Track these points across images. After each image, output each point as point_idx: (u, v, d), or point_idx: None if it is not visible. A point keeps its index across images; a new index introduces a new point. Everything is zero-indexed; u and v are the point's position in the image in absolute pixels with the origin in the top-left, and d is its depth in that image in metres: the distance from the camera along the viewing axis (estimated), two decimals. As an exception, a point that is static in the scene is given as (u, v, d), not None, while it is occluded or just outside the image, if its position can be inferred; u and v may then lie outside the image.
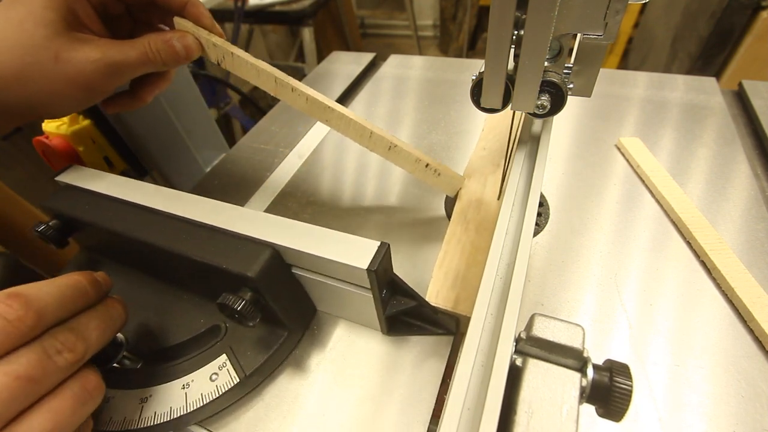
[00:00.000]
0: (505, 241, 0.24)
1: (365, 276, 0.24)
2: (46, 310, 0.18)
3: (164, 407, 0.25)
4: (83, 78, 0.26)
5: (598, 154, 0.43)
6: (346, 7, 1.93)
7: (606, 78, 0.54)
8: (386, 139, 0.32)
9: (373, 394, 0.27)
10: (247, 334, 0.28)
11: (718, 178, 0.39)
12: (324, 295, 0.30)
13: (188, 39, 0.29)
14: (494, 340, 0.19)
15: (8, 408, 0.16)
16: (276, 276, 0.26)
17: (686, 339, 0.28)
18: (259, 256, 0.24)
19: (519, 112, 0.29)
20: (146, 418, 0.25)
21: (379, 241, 0.24)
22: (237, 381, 0.26)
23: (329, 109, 0.32)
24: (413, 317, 0.29)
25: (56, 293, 0.19)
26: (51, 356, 0.18)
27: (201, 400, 0.26)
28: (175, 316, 0.29)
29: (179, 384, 0.26)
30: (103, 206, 0.30)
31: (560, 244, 0.34)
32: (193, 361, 0.27)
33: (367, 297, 0.26)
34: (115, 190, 0.31)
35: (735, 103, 0.50)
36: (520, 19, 0.22)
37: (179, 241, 0.26)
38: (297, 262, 0.27)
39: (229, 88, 1.19)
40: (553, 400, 0.16)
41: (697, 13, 1.11)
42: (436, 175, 0.35)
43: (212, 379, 0.26)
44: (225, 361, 0.27)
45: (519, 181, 0.28)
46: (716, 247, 0.31)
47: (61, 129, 0.40)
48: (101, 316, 0.21)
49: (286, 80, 0.31)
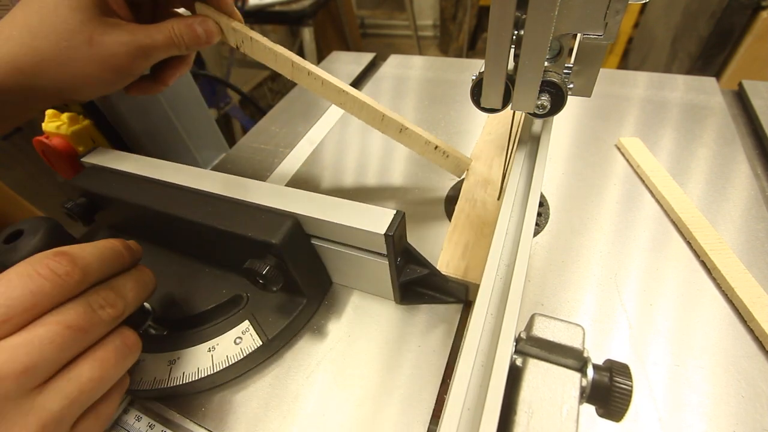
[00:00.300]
0: (505, 241, 0.24)
1: (382, 241, 0.26)
2: (90, 268, 0.20)
3: (192, 368, 0.27)
4: (115, 60, 0.27)
5: (598, 154, 0.43)
6: (346, 7, 1.93)
7: (606, 78, 0.54)
8: (398, 122, 0.34)
9: (373, 394, 0.27)
10: (267, 302, 0.30)
11: (718, 178, 0.39)
12: (340, 266, 0.31)
13: (209, 24, 0.30)
14: (494, 340, 0.19)
15: (61, 354, 0.18)
16: (297, 245, 0.28)
17: (686, 339, 0.28)
18: (282, 225, 0.26)
19: (519, 112, 0.29)
20: (175, 378, 0.27)
21: (395, 210, 0.26)
22: (260, 344, 0.28)
23: (344, 93, 0.33)
24: (425, 286, 0.31)
25: (98, 254, 0.21)
26: (95, 310, 0.20)
27: (226, 361, 0.27)
28: (198, 287, 0.31)
29: (205, 347, 0.28)
30: (128, 183, 0.32)
31: (560, 244, 0.34)
32: (217, 327, 0.29)
33: (382, 264, 0.28)
34: (140, 168, 0.32)
35: (735, 103, 0.50)
36: (520, 19, 0.22)
37: (205, 213, 0.28)
38: (317, 232, 0.28)
39: (229, 88, 1.19)
40: (553, 400, 0.16)
41: (697, 13, 1.11)
42: (445, 156, 0.36)
43: (236, 342, 0.28)
44: (248, 326, 0.28)
45: (519, 181, 0.28)
46: (716, 247, 0.31)
47: (61, 129, 0.40)
48: (136, 278, 0.23)
49: (302, 64, 0.32)
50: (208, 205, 0.28)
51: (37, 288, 0.18)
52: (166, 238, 0.33)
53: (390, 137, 0.35)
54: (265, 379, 0.28)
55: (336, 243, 0.29)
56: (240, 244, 0.27)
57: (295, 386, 0.28)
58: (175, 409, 0.28)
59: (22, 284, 0.18)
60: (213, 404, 0.27)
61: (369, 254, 0.28)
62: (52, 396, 0.17)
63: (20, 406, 0.16)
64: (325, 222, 0.27)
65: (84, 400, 0.19)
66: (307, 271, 0.30)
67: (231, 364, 0.27)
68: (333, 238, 0.28)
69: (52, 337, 0.17)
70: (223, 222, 0.27)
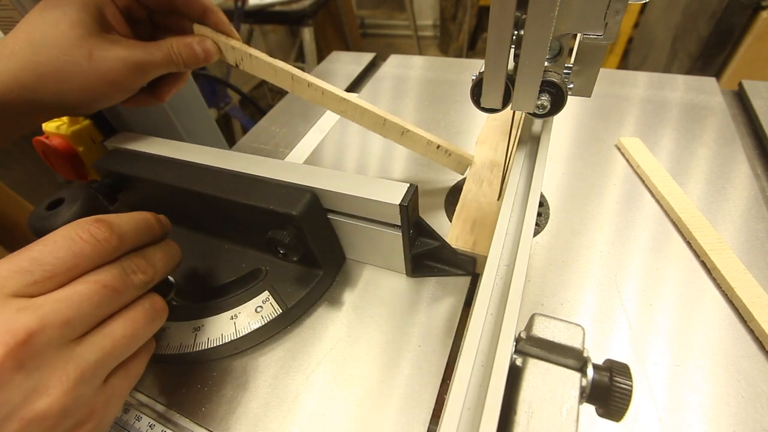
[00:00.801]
0: (505, 241, 0.24)
1: (396, 212, 0.27)
2: (126, 236, 0.22)
3: (216, 334, 0.29)
4: (113, 75, 0.28)
5: (598, 154, 0.43)
6: (346, 7, 1.93)
7: (606, 78, 0.54)
8: (399, 125, 0.35)
9: (373, 394, 0.27)
10: (286, 275, 0.31)
11: (718, 178, 0.39)
12: (355, 240, 0.33)
13: (207, 43, 0.31)
14: (494, 340, 0.19)
15: (97, 310, 0.19)
16: (315, 217, 0.29)
17: (686, 339, 0.28)
18: (301, 199, 0.28)
19: (519, 112, 0.29)
20: (200, 343, 0.28)
21: (408, 183, 0.27)
22: (280, 312, 0.29)
23: (344, 101, 0.34)
24: (435, 260, 0.33)
25: (133, 223, 0.23)
26: (128, 274, 0.21)
27: (248, 327, 0.29)
28: (219, 262, 0.33)
29: (228, 315, 0.29)
30: (151, 163, 0.33)
31: (560, 244, 0.34)
32: (238, 298, 0.30)
33: (395, 236, 0.29)
34: (162, 150, 0.34)
35: (735, 103, 0.50)
36: (520, 19, 0.22)
37: (228, 189, 0.29)
38: (333, 206, 0.30)
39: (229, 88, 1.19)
40: (553, 400, 0.16)
41: (697, 13, 1.11)
42: (447, 155, 0.37)
43: (257, 311, 0.30)
44: (268, 296, 0.30)
45: (519, 181, 0.28)
46: (716, 247, 0.31)
47: (61, 129, 0.40)
48: (164, 250, 0.25)
49: (302, 77, 0.33)
50: (230, 182, 0.30)
51: (79, 250, 0.19)
52: (187, 216, 0.34)
53: (392, 141, 0.36)
54: (266, 374, 0.28)
55: (351, 216, 0.30)
56: (261, 217, 0.29)
57: (295, 386, 0.28)
58: (175, 409, 0.28)
59: (65, 246, 0.19)
60: (213, 404, 0.27)
61: (383, 226, 0.29)
62: (89, 348, 0.19)
63: (61, 354, 0.18)
64: (341, 195, 0.28)
65: (117, 355, 0.20)
66: (324, 243, 0.31)
67: (253, 330, 0.29)
68: (349, 211, 0.30)
69: (90, 294, 0.19)
70: (245, 196, 0.28)
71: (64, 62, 0.27)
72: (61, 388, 0.17)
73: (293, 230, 0.28)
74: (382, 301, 0.32)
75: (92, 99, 0.29)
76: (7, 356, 0.16)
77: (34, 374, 0.17)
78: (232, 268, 0.32)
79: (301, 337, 0.31)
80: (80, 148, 0.41)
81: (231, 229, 0.33)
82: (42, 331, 0.17)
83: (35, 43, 0.26)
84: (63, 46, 0.26)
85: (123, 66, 0.28)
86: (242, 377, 0.29)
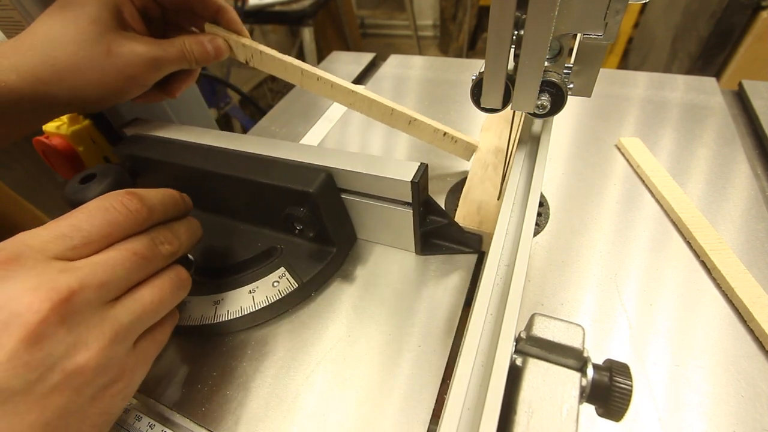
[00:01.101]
0: (505, 241, 0.24)
1: (408, 189, 0.28)
2: (155, 209, 0.23)
3: (235, 306, 0.30)
4: (130, 70, 0.29)
5: (598, 154, 0.43)
6: (346, 7, 1.93)
7: (606, 78, 0.54)
8: (406, 115, 0.36)
9: (373, 394, 0.27)
10: (300, 253, 0.33)
11: (718, 178, 0.39)
12: (367, 219, 0.34)
13: (218, 41, 0.32)
14: (494, 340, 0.19)
15: (129, 275, 0.21)
16: (330, 195, 0.31)
17: (686, 339, 0.28)
18: (316, 177, 0.29)
19: (519, 112, 0.29)
20: (221, 315, 0.30)
21: (419, 162, 0.29)
22: (296, 286, 0.31)
23: (353, 93, 0.35)
24: (443, 238, 0.34)
25: (160, 198, 0.24)
26: (156, 245, 0.23)
27: (266, 300, 0.30)
28: (235, 241, 0.34)
29: (246, 289, 0.31)
30: (169, 147, 0.34)
31: (560, 244, 0.34)
32: (255, 273, 0.32)
33: (406, 213, 0.31)
34: (179, 135, 0.35)
35: (735, 103, 0.50)
36: (520, 19, 0.22)
37: (245, 169, 0.31)
38: (347, 186, 0.31)
39: (229, 88, 1.19)
40: (553, 400, 0.16)
41: (697, 13, 1.11)
42: (453, 142, 0.39)
43: (274, 285, 0.31)
44: (284, 272, 0.32)
45: (519, 181, 0.28)
46: (716, 247, 0.31)
47: (61, 129, 0.40)
48: (188, 225, 0.26)
49: (312, 71, 0.34)
50: (247, 163, 0.31)
51: (113, 219, 0.21)
52: (204, 198, 0.35)
53: (400, 130, 0.37)
54: (266, 374, 0.28)
55: (364, 195, 0.32)
56: (277, 195, 0.30)
57: (295, 386, 0.28)
58: (175, 409, 0.28)
59: (101, 215, 0.21)
60: (213, 404, 0.27)
61: (394, 204, 0.31)
62: (122, 311, 0.20)
63: (98, 314, 0.19)
64: (355, 173, 0.30)
65: (145, 320, 0.21)
66: (338, 221, 0.33)
67: (270, 303, 0.30)
68: (362, 190, 0.31)
69: (123, 260, 0.20)
70: (262, 176, 0.30)
71: (83, 58, 0.27)
72: (97, 345, 0.18)
73: (309, 207, 0.29)
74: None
75: (108, 94, 0.30)
76: (51, 311, 0.17)
77: (74, 330, 0.18)
78: (248, 246, 0.33)
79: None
80: (80, 147, 0.41)
81: (247, 210, 0.34)
82: (81, 291, 0.18)
83: (54, 38, 0.27)
84: (82, 42, 0.27)
85: (140, 62, 0.29)
86: (242, 377, 0.29)
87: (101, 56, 0.28)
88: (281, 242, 0.33)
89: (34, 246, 0.19)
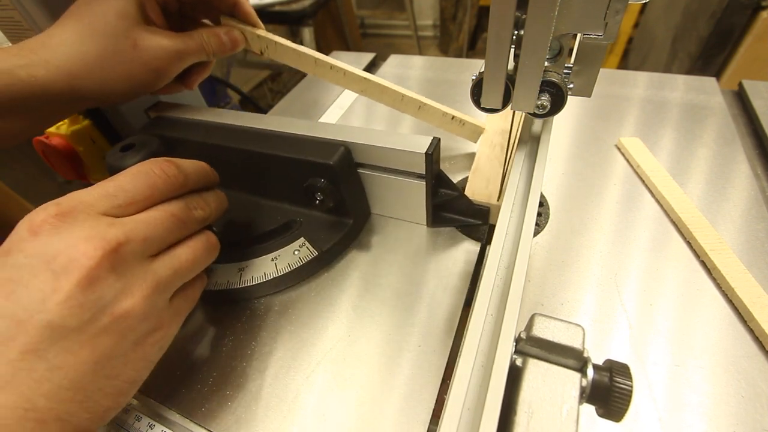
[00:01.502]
0: (505, 241, 0.24)
1: (422, 161, 0.31)
2: (190, 177, 0.25)
3: (259, 273, 0.32)
4: (156, 63, 0.30)
5: (598, 154, 0.43)
6: (346, 7, 1.93)
7: (606, 78, 0.54)
8: (416, 100, 0.38)
9: (373, 394, 0.27)
10: (319, 225, 0.35)
11: (718, 178, 0.39)
12: (381, 193, 0.36)
13: (234, 33, 0.34)
14: (494, 340, 0.19)
15: (167, 234, 0.22)
16: (347, 168, 0.33)
17: (686, 339, 0.28)
18: (336, 151, 0.31)
19: (519, 112, 0.29)
20: (246, 281, 0.32)
21: (432, 136, 0.31)
22: (316, 254, 0.33)
23: (365, 80, 0.36)
24: (453, 211, 0.36)
25: (194, 167, 0.26)
26: (191, 209, 0.24)
27: (288, 267, 0.32)
28: (257, 215, 0.36)
29: (269, 257, 0.33)
30: (193, 127, 0.36)
31: (560, 244, 0.34)
32: (277, 243, 0.34)
33: (419, 185, 0.33)
34: (201, 116, 0.37)
35: (735, 103, 0.50)
36: (520, 19, 0.22)
37: (268, 145, 0.33)
38: (363, 159, 0.33)
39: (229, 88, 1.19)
40: (553, 400, 0.16)
41: (697, 13, 1.11)
42: (461, 125, 0.41)
43: (295, 253, 0.33)
44: (304, 241, 0.34)
45: (519, 181, 0.28)
46: (716, 247, 0.31)
47: (61, 129, 0.40)
48: (216, 195, 0.28)
49: (324, 59, 0.35)
50: (269, 139, 0.33)
51: (153, 183, 0.23)
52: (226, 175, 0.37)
53: (410, 115, 0.39)
54: (266, 374, 0.28)
55: (379, 169, 0.34)
56: (298, 169, 0.32)
57: (295, 386, 0.28)
58: (175, 409, 0.28)
59: (143, 178, 0.22)
60: (213, 404, 0.27)
61: (408, 176, 0.33)
62: (161, 265, 0.22)
63: (141, 265, 0.21)
64: (372, 147, 0.32)
65: (181, 275, 0.23)
66: (354, 194, 0.35)
67: (292, 269, 0.32)
68: (377, 163, 0.33)
69: (162, 220, 0.22)
70: (285, 150, 0.32)
71: (112, 52, 0.28)
72: (141, 293, 0.20)
73: (329, 179, 0.31)
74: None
75: (135, 86, 0.31)
76: (103, 258, 0.19)
77: (122, 278, 0.20)
78: (269, 220, 0.35)
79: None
80: (80, 147, 0.41)
81: (268, 185, 0.37)
82: (127, 243, 0.20)
83: (84, 33, 0.28)
84: (110, 36, 0.28)
85: (165, 54, 0.30)
86: (242, 377, 0.29)
87: (129, 50, 0.29)
88: (300, 216, 0.36)
89: (86, 201, 0.20)
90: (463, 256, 0.34)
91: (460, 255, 0.34)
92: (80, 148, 0.41)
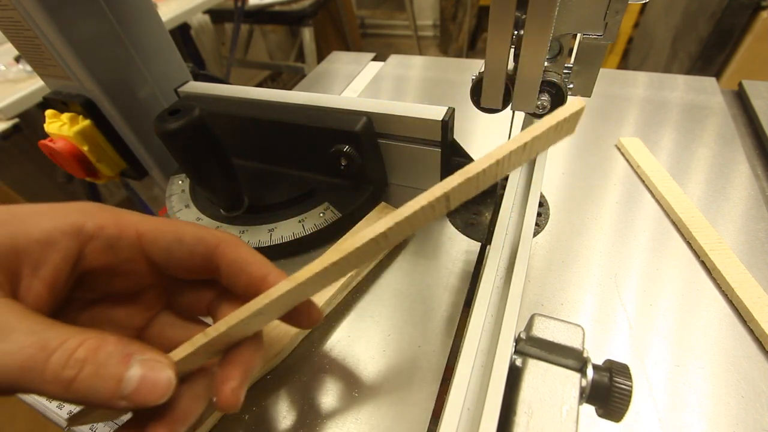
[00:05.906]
0: (505, 241, 0.24)
1: (438, 128, 0.33)
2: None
3: (288, 233, 0.35)
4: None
5: (598, 154, 0.43)
6: (346, 7, 1.93)
7: (606, 78, 0.54)
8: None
9: (373, 394, 0.27)
10: (341, 191, 0.37)
11: (718, 178, 0.39)
12: (398, 162, 0.38)
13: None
14: (494, 340, 0.19)
15: None
16: (369, 137, 0.35)
17: (686, 339, 0.28)
18: (359, 120, 0.34)
19: (519, 112, 0.29)
20: (275, 240, 0.34)
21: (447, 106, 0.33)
22: (340, 216, 0.35)
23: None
24: None
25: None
26: None
27: (314, 227, 0.35)
28: (282, 184, 0.39)
29: (296, 219, 0.36)
30: (223, 102, 0.39)
31: (560, 244, 0.34)
32: (303, 207, 0.37)
33: (435, 153, 0.35)
34: (229, 92, 0.39)
35: (735, 103, 0.50)
36: (520, 19, 0.22)
37: (295, 116, 0.35)
38: (383, 129, 0.36)
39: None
40: (553, 401, 0.16)
41: (697, 13, 1.11)
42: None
43: (320, 215, 0.36)
44: (328, 205, 0.36)
45: (519, 181, 0.28)
46: (716, 247, 0.31)
47: (62, 130, 0.40)
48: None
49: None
50: (295, 111, 0.36)
51: None
52: (253, 147, 0.40)
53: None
54: (267, 373, 0.28)
55: (397, 138, 0.36)
56: (323, 138, 0.34)
57: (295, 386, 0.28)
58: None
59: None
60: (213, 404, 0.27)
61: (424, 144, 0.35)
62: None
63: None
64: (392, 116, 0.34)
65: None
66: (374, 161, 0.37)
67: (318, 229, 0.35)
68: (396, 132, 0.35)
69: None
70: (312, 121, 0.34)
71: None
72: None
73: (354, 146, 0.33)
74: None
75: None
76: None
77: None
78: (294, 187, 0.38)
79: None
80: (85, 147, 0.41)
81: (293, 155, 0.39)
82: None
83: None
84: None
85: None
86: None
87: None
88: (323, 184, 0.38)
89: None
90: (463, 256, 0.34)
91: (460, 255, 0.34)
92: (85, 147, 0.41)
